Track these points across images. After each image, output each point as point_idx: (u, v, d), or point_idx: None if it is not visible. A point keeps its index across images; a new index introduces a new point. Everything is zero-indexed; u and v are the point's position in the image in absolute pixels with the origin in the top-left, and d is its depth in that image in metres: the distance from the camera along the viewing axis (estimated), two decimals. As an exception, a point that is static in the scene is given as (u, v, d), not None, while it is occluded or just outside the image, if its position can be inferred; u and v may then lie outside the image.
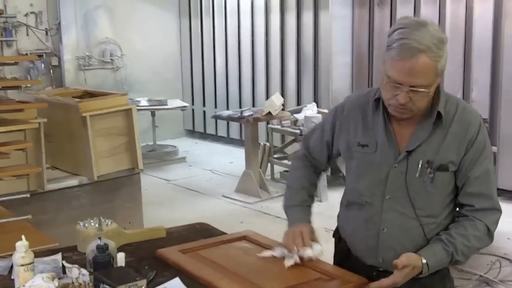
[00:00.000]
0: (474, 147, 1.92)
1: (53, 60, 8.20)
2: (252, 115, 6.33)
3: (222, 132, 9.21)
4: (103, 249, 1.93)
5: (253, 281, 1.94)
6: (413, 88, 1.81)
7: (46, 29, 8.10)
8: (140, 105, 7.55)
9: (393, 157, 1.96)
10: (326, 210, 5.19)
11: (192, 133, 9.86)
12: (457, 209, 2.00)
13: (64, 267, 1.96)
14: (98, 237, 2.00)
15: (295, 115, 6.60)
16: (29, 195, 3.62)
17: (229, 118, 6.69)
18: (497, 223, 1.96)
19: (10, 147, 3.38)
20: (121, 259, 2.03)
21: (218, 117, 7.06)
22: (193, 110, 9.63)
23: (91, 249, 1.97)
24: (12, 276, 1.98)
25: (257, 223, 5.36)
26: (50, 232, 3.36)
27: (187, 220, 2.75)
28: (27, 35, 7.93)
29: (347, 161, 2.09)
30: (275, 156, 7.06)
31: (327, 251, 2.16)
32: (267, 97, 7.80)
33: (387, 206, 1.97)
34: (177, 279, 1.94)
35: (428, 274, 1.89)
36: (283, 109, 6.63)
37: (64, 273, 1.96)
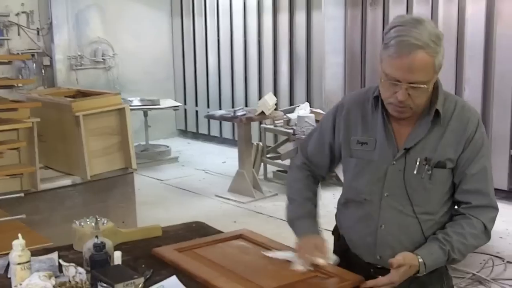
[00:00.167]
0: (472, 144, 1.93)
1: (44, 60, 8.15)
2: (245, 114, 6.32)
3: (215, 132, 9.20)
4: (100, 247, 1.92)
5: (249, 279, 1.94)
6: (412, 84, 1.82)
7: (37, 28, 8.06)
8: (133, 105, 7.52)
9: (391, 154, 1.97)
10: (319, 209, 5.17)
11: (184, 133, 9.85)
12: (455, 207, 2.00)
13: (60, 265, 1.95)
14: (94, 235, 1.99)
15: (288, 114, 6.62)
16: (23, 194, 3.60)
17: (222, 118, 6.68)
18: (493, 221, 1.97)
19: (3, 146, 3.38)
20: (117, 257, 2.02)
21: (211, 116, 7.03)
22: (185, 110, 9.62)
23: (88, 247, 1.96)
24: (8, 275, 1.97)
25: (250, 222, 5.35)
26: (43, 232, 3.34)
27: (180, 220, 2.73)
28: (19, 34, 7.89)
29: (346, 159, 2.09)
30: (268, 155, 7.07)
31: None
32: (260, 97, 7.81)
33: (385, 203, 1.97)
34: (174, 277, 1.94)
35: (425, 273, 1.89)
36: (276, 109, 6.63)
37: (60, 271, 1.96)
